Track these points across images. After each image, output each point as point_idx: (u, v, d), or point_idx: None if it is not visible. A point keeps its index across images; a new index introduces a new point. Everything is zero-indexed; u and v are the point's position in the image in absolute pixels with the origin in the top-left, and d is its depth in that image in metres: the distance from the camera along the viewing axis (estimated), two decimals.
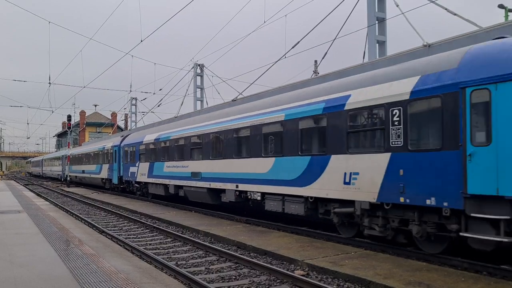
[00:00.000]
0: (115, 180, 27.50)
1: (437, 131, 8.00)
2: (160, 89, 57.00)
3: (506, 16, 23.28)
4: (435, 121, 8.05)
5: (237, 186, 14.11)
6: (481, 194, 7.16)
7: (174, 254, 10.05)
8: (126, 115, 57.85)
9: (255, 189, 13.24)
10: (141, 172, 22.96)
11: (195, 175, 16.96)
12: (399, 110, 8.62)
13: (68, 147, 45.65)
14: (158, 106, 36.56)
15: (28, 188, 37.42)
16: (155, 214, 16.71)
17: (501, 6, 23.06)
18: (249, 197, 13.60)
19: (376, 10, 15.95)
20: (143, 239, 12.29)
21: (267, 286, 7.32)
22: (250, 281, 7.62)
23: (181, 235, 12.08)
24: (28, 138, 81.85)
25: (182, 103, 31.83)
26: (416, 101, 8.36)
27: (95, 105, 75.97)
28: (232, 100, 22.48)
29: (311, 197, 11.03)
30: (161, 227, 13.60)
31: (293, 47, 18.39)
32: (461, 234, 7.59)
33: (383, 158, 8.92)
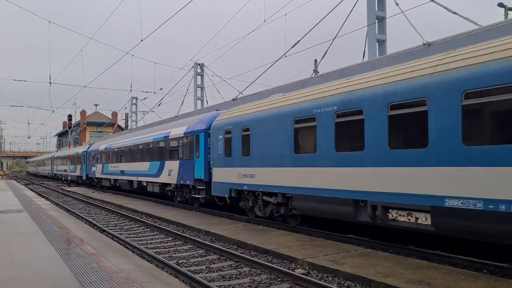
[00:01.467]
0: (84, 177, 37.58)
1: (189, 151, 17.79)
2: (161, 89, 56.91)
3: (506, 15, 23.28)
4: (189, 146, 17.88)
5: (137, 179, 24.14)
6: (198, 178, 16.88)
7: (174, 253, 10.07)
8: (126, 115, 57.90)
9: (143, 180, 23.24)
10: (98, 170, 32.95)
11: (122, 172, 26.93)
12: (181, 140, 18.64)
13: (69, 147, 45.98)
14: (159, 105, 36.72)
15: (29, 188, 37.45)
16: (156, 213, 16.74)
17: (501, 5, 23.06)
18: (142, 184, 23.62)
19: (376, 9, 15.94)
20: (144, 238, 12.31)
21: (267, 285, 7.33)
22: (250, 280, 7.63)
23: (182, 234, 12.10)
24: (29, 137, 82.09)
25: (182, 103, 32.02)
26: (185, 137, 18.36)
27: (96, 105, 75.99)
28: (232, 100, 22.49)
29: (160, 183, 20.89)
30: (161, 226, 13.62)
31: (293, 46, 18.41)
32: (193, 195, 17.59)
33: (177, 163, 18.92)
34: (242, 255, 9.17)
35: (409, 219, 8.37)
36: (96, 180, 34.00)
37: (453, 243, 9.28)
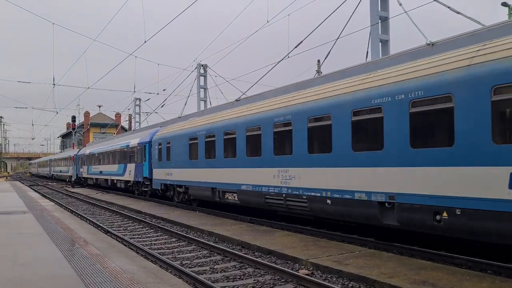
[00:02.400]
0: (74, 176, 45.12)
1: (140, 156, 24.50)
2: (164, 90, 56.75)
3: (510, 14, 23.19)
4: (140, 153, 24.49)
5: (111, 177, 30.77)
6: (145, 176, 23.69)
7: (178, 254, 10.09)
8: (130, 116, 57.98)
9: (114, 178, 29.90)
10: (84, 171, 40.65)
11: (101, 173, 33.70)
12: (136, 148, 25.18)
13: (73, 148, 46.63)
14: (162, 106, 36.63)
15: (33, 189, 37.58)
16: (159, 214, 16.77)
17: (504, 4, 22.98)
18: (114, 182, 30.06)
19: (379, 9, 15.87)
20: (148, 239, 12.34)
21: (271, 286, 7.33)
22: (254, 280, 7.63)
23: (186, 235, 12.12)
24: (33, 139, 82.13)
25: (185, 103, 32.12)
26: (138, 146, 24.91)
27: (99, 106, 76.17)
28: (236, 100, 22.48)
29: (124, 180, 27.19)
30: (165, 227, 13.65)
31: (296, 47, 18.32)
32: (143, 189, 24.87)
33: (134, 165, 25.39)
34: (246, 255, 9.18)
35: (232, 198, 14.81)
36: (83, 179, 41.87)
37: (456, 244, 9.25)
